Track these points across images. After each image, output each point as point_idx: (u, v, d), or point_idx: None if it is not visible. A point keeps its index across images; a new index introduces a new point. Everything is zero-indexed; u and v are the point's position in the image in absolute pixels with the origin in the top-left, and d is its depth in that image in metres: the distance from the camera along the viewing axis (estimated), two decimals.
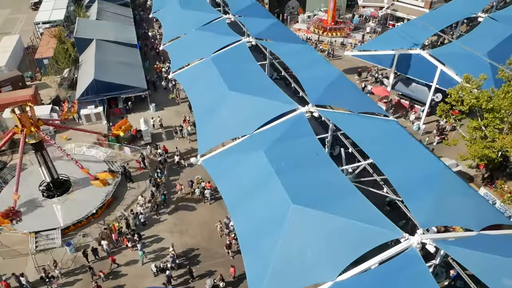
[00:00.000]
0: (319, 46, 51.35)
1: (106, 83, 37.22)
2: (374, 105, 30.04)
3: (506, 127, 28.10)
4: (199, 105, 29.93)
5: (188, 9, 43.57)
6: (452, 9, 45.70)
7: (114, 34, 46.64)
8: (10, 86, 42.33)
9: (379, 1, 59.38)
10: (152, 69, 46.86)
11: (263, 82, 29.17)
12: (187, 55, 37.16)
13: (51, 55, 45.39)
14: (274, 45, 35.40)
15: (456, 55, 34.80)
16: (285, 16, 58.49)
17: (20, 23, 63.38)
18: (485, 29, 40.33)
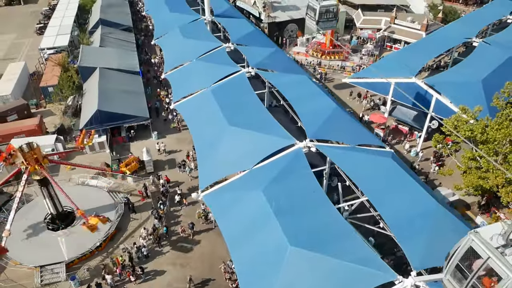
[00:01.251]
0: (318, 70, 52.35)
1: (109, 113, 38.16)
2: (370, 136, 30.81)
3: (500, 158, 28.73)
4: (200, 139, 30.73)
5: (189, 38, 44.74)
6: (448, 34, 46.67)
7: (117, 61, 47.75)
8: (16, 114, 43.33)
9: (376, 23, 60.55)
10: (154, 95, 47.89)
11: (262, 115, 29.97)
12: (188, 85, 38.09)
13: (56, 83, 46.41)
14: (273, 75, 36.36)
15: (451, 84, 35.65)
16: (285, 39, 59.58)
17: (25, 48, 64.75)
18: (479, 55, 41.17)
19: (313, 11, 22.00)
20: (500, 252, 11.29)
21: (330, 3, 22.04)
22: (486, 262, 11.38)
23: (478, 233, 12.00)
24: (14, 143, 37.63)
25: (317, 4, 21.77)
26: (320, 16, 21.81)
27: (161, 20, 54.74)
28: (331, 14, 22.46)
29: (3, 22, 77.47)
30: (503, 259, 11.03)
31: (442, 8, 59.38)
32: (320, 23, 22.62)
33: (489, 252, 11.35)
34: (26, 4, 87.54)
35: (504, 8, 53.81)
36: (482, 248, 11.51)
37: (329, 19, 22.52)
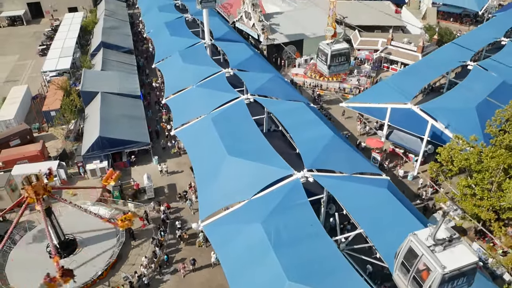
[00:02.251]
0: (316, 92, 53.21)
1: (111, 139, 38.86)
2: (366, 164, 31.39)
3: (494, 186, 29.27)
4: (200, 168, 31.35)
5: (189, 63, 45.68)
6: (443, 56, 47.68)
7: (118, 85, 48.62)
8: (19, 139, 44.03)
9: (373, 44, 61.62)
10: (154, 118, 48.67)
11: (260, 144, 30.61)
12: (188, 111, 38.88)
13: (58, 107, 47.18)
14: (271, 102, 37.12)
15: (445, 110, 36.36)
16: (283, 60, 60.59)
17: (28, 70, 65.76)
18: (473, 79, 42.02)
19: (324, 55, 21.67)
20: (431, 250, 13.53)
21: (342, 46, 21.82)
22: (421, 258, 13.72)
23: (416, 235, 14.28)
24: (17, 169, 38.69)
25: (328, 48, 21.49)
26: (332, 60, 21.62)
27: (162, 44, 55.86)
28: (343, 57, 22.14)
29: (6, 42, 78.84)
30: (432, 255, 13.38)
31: (437, 30, 60.38)
32: (332, 67, 22.37)
33: (423, 250, 13.75)
34: (28, 24, 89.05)
35: (498, 29, 54.92)
36: (418, 247, 13.90)
37: (341, 63, 22.18)
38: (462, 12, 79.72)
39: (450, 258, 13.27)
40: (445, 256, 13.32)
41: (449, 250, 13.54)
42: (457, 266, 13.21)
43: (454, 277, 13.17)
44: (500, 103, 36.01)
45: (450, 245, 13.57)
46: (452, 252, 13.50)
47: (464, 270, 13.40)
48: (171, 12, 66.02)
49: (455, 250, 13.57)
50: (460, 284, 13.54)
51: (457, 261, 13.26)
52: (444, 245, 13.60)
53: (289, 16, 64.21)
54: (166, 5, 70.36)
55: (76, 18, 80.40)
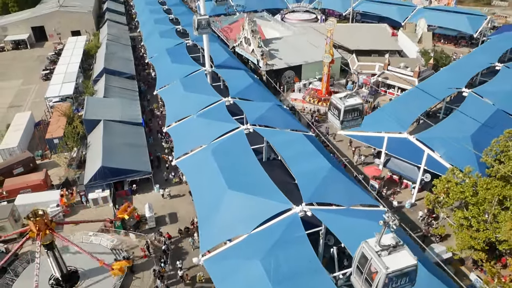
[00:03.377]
0: (315, 117, 54.11)
1: (113, 169, 39.53)
2: (364, 195, 31.92)
3: (490, 218, 29.78)
4: (200, 201, 31.91)
5: (190, 92, 46.66)
6: (438, 83, 48.55)
7: (120, 113, 49.53)
8: (22, 167, 44.73)
9: (370, 68, 62.83)
10: (156, 144, 49.48)
11: (260, 178, 31.17)
12: (189, 141, 39.63)
13: (61, 134, 47.98)
14: (270, 133, 37.87)
15: (441, 140, 37.05)
16: (282, 85, 61.65)
17: (31, 95, 66.83)
18: (469, 107, 42.80)
19: (337, 110, 21.47)
20: (378, 254, 15.95)
21: (355, 101, 21.57)
22: (370, 261, 16.16)
23: (367, 242, 16.77)
24: (20, 199, 39.28)
25: (341, 103, 21.18)
26: (345, 115, 21.59)
27: (163, 70, 57.02)
28: (356, 112, 21.99)
29: (10, 67, 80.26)
30: (379, 259, 15.81)
31: (433, 55, 61.62)
32: (345, 122, 22.41)
33: (372, 254, 16.17)
34: (32, 48, 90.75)
35: (492, 54, 56.00)
36: (368, 252, 16.34)
37: (355, 118, 22.04)
38: (457, 34, 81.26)
39: (393, 261, 15.86)
40: (389, 259, 15.84)
41: (394, 254, 16.16)
42: (399, 267, 15.75)
43: (397, 277, 15.73)
44: (495, 132, 36.88)
45: (394, 251, 16.23)
46: (396, 256, 16.08)
47: (405, 271, 15.89)
48: (172, 37, 67.47)
49: (399, 254, 16.17)
50: (403, 283, 16.05)
51: (399, 263, 15.84)
52: (389, 250, 16.17)
53: (287, 42, 65.59)
54: (167, 30, 71.97)
55: (79, 42, 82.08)
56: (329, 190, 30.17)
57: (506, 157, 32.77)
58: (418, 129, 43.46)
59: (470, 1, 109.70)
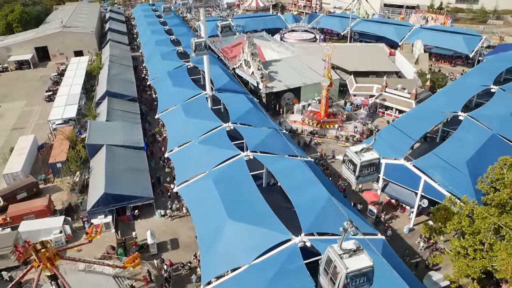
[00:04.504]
0: (314, 140, 54.94)
1: (115, 195, 40.17)
2: (362, 224, 32.54)
3: (486, 247, 30.32)
4: (202, 231, 32.48)
5: (191, 117, 47.61)
6: (434, 107, 49.43)
7: (122, 137, 50.33)
8: (25, 192, 45.38)
9: (368, 89, 63.87)
10: (157, 168, 50.24)
11: (260, 207, 31.87)
12: (190, 167, 40.37)
13: (64, 159, 48.74)
14: (269, 160, 38.63)
15: (437, 166, 37.79)
16: (282, 107, 62.63)
17: (34, 116, 67.74)
18: (464, 131, 43.65)
19: (352, 165, 21.22)
20: (340, 256, 18.12)
21: (372, 156, 21.43)
22: (334, 263, 18.42)
23: (332, 247, 18.84)
24: (24, 225, 39.83)
25: (357, 159, 21.00)
26: (361, 171, 21.52)
27: (164, 94, 58.12)
28: (372, 167, 21.83)
29: (14, 87, 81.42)
30: (340, 260, 18.01)
31: (430, 77, 62.72)
32: (361, 177, 22.44)
33: (335, 257, 18.37)
34: (35, 68, 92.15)
35: (487, 76, 57.01)
36: (332, 255, 18.56)
37: (370, 173, 21.90)
38: (453, 54, 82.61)
39: (353, 262, 18.14)
40: (349, 261, 18.14)
41: (354, 257, 18.44)
42: (358, 267, 18.05)
43: (356, 276, 18.00)
44: (490, 158, 37.59)
45: (355, 254, 18.51)
46: (356, 259, 18.38)
47: (363, 271, 18.16)
48: (173, 60, 68.74)
49: (358, 257, 18.45)
50: (362, 282, 18.31)
51: (358, 264, 18.10)
52: (350, 253, 18.48)
53: (287, 63, 66.81)
54: (169, 52, 73.33)
55: (82, 62, 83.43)
56: (328, 220, 30.73)
57: (501, 184, 33.48)
58: (415, 153, 44.18)
59: (465, 20, 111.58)
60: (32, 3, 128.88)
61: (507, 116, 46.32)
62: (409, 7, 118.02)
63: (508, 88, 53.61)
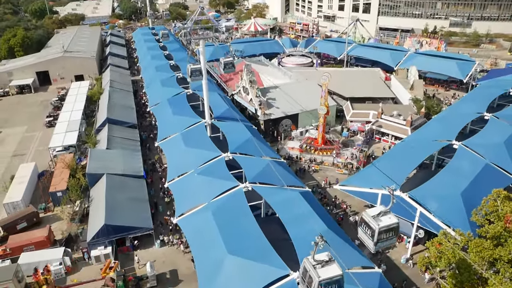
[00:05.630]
0: (312, 167, 55.70)
1: (115, 227, 40.55)
2: (360, 257, 33.03)
3: (482, 282, 30.73)
4: (201, 266, 32.86)
5: (191, 146, 48.44)
6: (429, 136, 50.44)
7: (122, 166, 50.94)
8: (25, 222, 45.70)
9: (365, 116, 64.97)
10: (157, 196, 50.75)
11: (259, 241, 32.38)
12: (189, 198, 40.99)
13: (64, 187, 49.20)
14: (268, 192, 39.26)
15: (432, 198, 38.50)
16: (280, 134, 63.52)
17: (35, 143, 68.38)
18: (459, 160, 44.52)
19: (370, 230, 20.83)
20: (314, 267, 21.09)
21: (391, 221, 20.95)
22: (308, 272, 21.26)
23: (307, 258, 21.69)
24: (24, 257, 40.05)
25: (375, 224, 20.48)
26: (379, 237, 21.36)
27: (164, 121, 59.08)
28: (391, 232, 21.43)
29: (15, 112, 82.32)
30: (314, 270, 20.96)
31: (425, 103, 63.96)
32: (379, 243, 22.21)
33: (310, 267, 21.13)
34: (36, 92, 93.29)
35: (481, 102, 58.30)
36: (307, 265, 21.38)
37: (389, 238, 21.49)
38: (448, 78, 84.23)
39: (325, 271, 20.93)
40: (322, 271, 20.88)
41: (326, 267, 21.17)
42: (328, 276, 20.71)
43: (328, 283, 20.62)
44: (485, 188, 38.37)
45: (327, 264, 21.25)
46: (328, 269, 21.11)
47: (334, 279, 20.81)
48: (173, 86, 69.97)
49: (330, 267, 21.19)
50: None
51: (329, 273, 20.80)
52: (322, 264, 21.16)
53: (284, 90, 68.02)
54: (168, 78, 74.64)
55: (82, 87, 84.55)
56: None
57: (495, 217, 34.14)
58: (411, 182, 44.80)
59: (459, 43, 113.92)
60: (34, 27, 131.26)
61: (500, 145, 47.39)
62: (404, 30, 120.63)
63: (501, 115, 54.82)
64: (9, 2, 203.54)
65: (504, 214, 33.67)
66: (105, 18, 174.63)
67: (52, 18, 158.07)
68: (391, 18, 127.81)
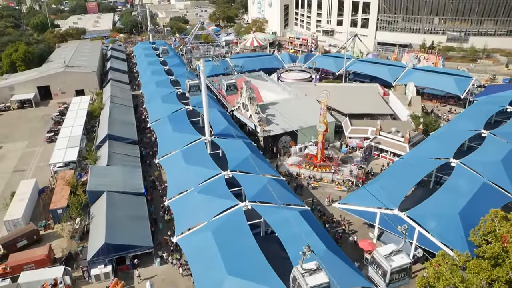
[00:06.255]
0: (311, 184, 56.06)
1: (116, 245, 40.72)
2: (358, 277, 33.24)
3: None
4: (202, 286, 33.01)
5: (191, 164, 48.87)
6: (426, 154, 50.94)
7: (123, 183, 51.28)
8: (26, 240, 45.86)
9: (363, 132, 65.54)
10: (157, 213, 50.97)
11: (258, 261, 32.62)
12: (190, 217, 41.26)
13: (65, 205, 49.47)
14: (267, 211, 39.58)
15: (431, 217, 38.84)
16: (279, 150, 63.97)
17: (35, 158, 68.73)
18: (457, 179, 44.96)
19: (381, 270, 20.72)
20: (302, 275, 23.00)
21: (403, 262, 20.62)
22: (297, 280, 23.06)
23: (297, 267, 23.84)
24: (24, 276, 40.11)
25: (387, 265, 21.20)
26: (392, 277, 20.98)
27: (164, 138, 59.57)
28: (404, 273, 21.22)
29: (16, 127, 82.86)
30: (302, 278, 22.87)
31: (423, 120, 64.57)
32: (391, 284, 21.88)
33: (298, 275, 23.03)
34: (37, 107, 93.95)
35: (479, 119, 58.90)
36: (296, 274, 23.36)
37: (401, 278, 21.34)
38: (445, 94, 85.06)
39: (312, 280, 22.63)
40: (310, 279, 22.58)
41: (313, 275, 22.76)
42: (315, 284, 22.21)
43: None
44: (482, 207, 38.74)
45: (314, 273, 22.90)
46: (315, 277, 22.72)
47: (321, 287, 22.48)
48: (173, 102, 70.68)
49: (317, 275, 22.77)
50: None
51: (316, 281, 22.46)
52: (310, 273, 22.84)
53: (284, 106, 68.71)
54: (169, 94, 75.37)
55: (83, 102, 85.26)
56: None
57: (493, 237, 34.38)
58: (409, 200, 44.99)
59: (456, 58, 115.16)
60: (35, 41, 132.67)
61: (498, 163, 47.88)
62: (402, 45, 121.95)
63: (498, 132, 55.45)
64: (11, 16, 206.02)
65: (502, 234, 33.94)
66: (106, 32, 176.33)
67: (53, 32, 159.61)
68: (389, 33, 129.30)
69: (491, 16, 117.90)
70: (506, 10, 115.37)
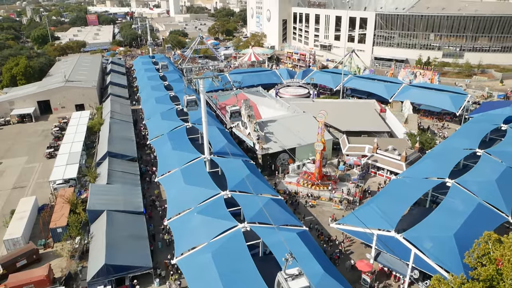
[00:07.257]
0: (309, 202, 56.65)
1: (116, 266, 41.01)
2: None
3: None
4: None
5: (190, 184, 49.43)
6: (423, 173, 51.73)
7: (122, 202, 51.69)
8: (25, 260, 46.07)
9: (361, 150, 66.33)
10: (156, 231, 51.34)
11: (255, 283, 33.12)
12: (189, 238, 41.65)
13: (64, 224, 49.74)
14: (266, 232, 40.10)
15: (427, 239, 39.42)
16: (277, 168, 64.64)
17: (35, 174, 69.09)
18: (453, 199, 45.68)
19: None
20: (285, 279, 25.59)
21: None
22: (282, 284, 25.71)
23: (281, 272, 26.35)
24: None
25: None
26: None
27: (164, 156, 60.16)
28: None
29: (15, 142, 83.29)
30: (285, 282, 25.47)
31: (419, 138, 65.52)
32: None
33: (282, 280, 25.70)
34: (37, 121, 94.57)
35: (474, 138, 59.89)
36: (280, 278, 25.99)
37: None
38: (441, 110, 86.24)
39: (295, 283, 25.21)
40: (293, 283, 25.23)
41: (296, 280, 25.40)
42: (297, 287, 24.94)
43: None
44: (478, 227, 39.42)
45: (296, 277, 25.47)
46: (297, 281, 25.29)
47: None
48: (172, 120, 71.44)
49: (299, 280, 25.45)
50: None
51: (299, 284, 25.11)
52: (292, 277, 25.41)
53: (282, 124, 69.62)
54: (168, 111, 76.14)
55: (83, 118, 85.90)
56: None
57: (487, 260, 34.96)
58: (405, 220, 45.49)
59: (452, 74, 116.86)
60: (36, 55, 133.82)
61: (492, 183, 48.70)
62: (398, 60, 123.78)
63: (493, 151, 56.40)
64: (11, 27, 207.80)
65: (496, 257, 34.53)
66: (106, 44, 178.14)
67: (54, 45, 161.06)
68: (385, 48, 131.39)
69: (485, 32, 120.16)
70: (500, 27, 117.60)
